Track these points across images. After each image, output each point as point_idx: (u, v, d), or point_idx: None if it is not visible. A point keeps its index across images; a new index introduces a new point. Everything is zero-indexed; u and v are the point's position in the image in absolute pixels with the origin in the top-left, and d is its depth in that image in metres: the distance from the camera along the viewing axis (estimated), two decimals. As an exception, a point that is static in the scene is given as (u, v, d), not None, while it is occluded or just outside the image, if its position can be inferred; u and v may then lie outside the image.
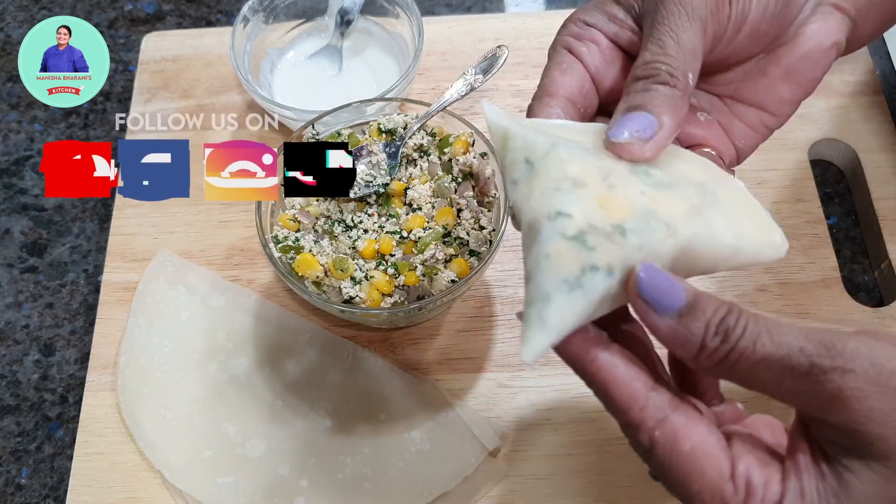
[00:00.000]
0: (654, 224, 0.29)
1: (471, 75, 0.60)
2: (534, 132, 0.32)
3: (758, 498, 0.28)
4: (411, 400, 0.56)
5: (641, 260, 0.29)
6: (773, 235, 0.34)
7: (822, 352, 0.27)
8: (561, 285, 0.28)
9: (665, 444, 0.29)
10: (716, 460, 0.29)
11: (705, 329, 0.28)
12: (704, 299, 0.28)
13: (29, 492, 0.56)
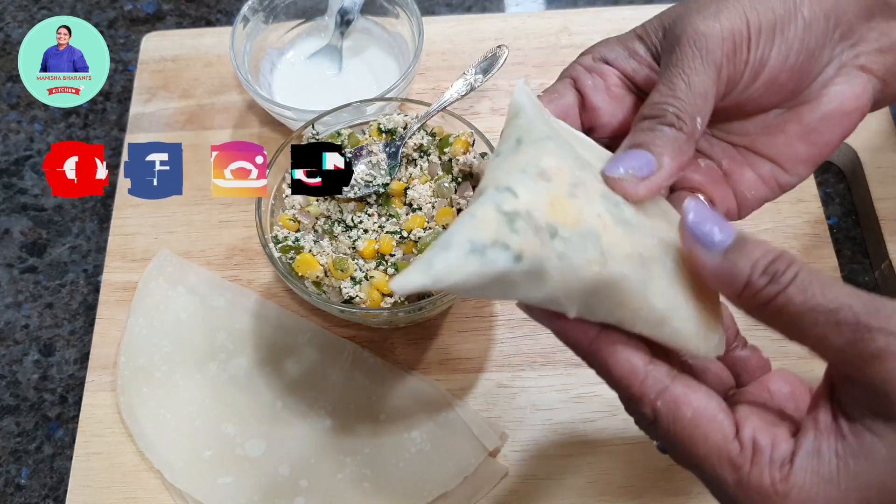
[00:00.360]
0: (588, 244, 0.28)
1: (471, 75, 0.60)
2: (541, 120, 0.32)
3: (766, 456, 0.28)
4: (411, 400, 0.56)
5: (557, 267, 0.28)
6: (711, 333, 0.32)
7: (870, 310, 0.27)
8: (465, 243, 0.27)
9: (668, 413, 0.30)
10: (719, 423, 0.29)
11: (752, 267, 0.28)
12: (753, 241, 0.29)
13: (29, 492, 0.56)
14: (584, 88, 0.37)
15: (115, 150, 0.70)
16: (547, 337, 0.58)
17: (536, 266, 0.28)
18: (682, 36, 0.34)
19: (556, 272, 0.28)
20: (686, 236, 0.30)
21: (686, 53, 0.33)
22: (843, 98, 0.37)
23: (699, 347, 0.31)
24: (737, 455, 0.29)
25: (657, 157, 0.32)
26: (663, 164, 0.32)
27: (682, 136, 0.33)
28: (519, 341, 0.58)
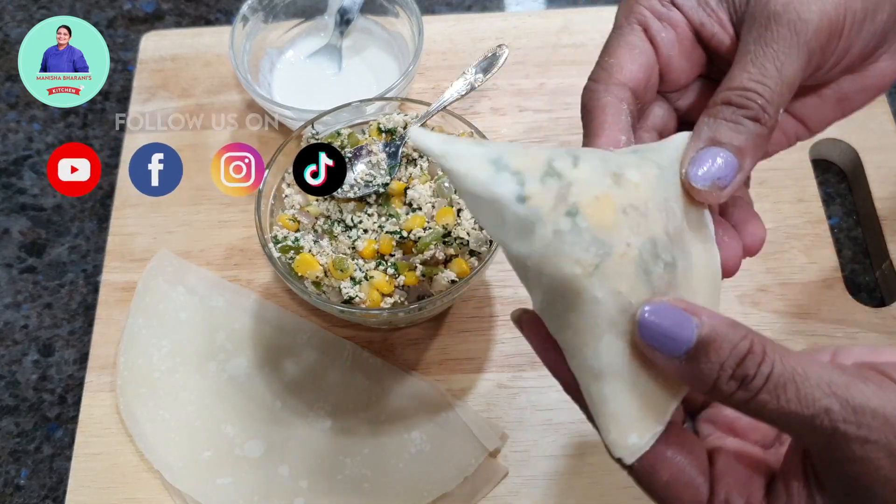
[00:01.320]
0: (592, 248, 0.27)
1: (471, 75, 0.60)
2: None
3: None
4: (411, 400, 0.56)
5: (546, 238, 0.27)
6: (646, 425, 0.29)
7: (848, 416, 0.26)
8: (494, 153, 0.27)
9: (644, 475, 0.29)
10: (693, 489, 0.29)
11: (719, 372, 0.26)
12: (718, 340, 0.26)
13: (28, 492, 0.56)
14: (656, 39, 0.34)
15: (114, 150, 0.69)
16: (547, 337, 0.58)
17: (530, 221, 0.27)
18: (782, 15, 0.31)
19: (541, 242, 0.27)
20: (641, 342, 0.28)
21: (783, 35, 0.31)
22: (885, 74, 0.36)
23: (618, 437, 0.29)
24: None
25: (740, 159, 0.31)
26: (744, 167, 0.31)
27: (764, 132, 0.31)
28: (519, 341, 0.58)
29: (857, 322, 0.58)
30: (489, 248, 0.52)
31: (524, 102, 0.68)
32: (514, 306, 0.59)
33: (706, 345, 0.26)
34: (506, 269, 0.61)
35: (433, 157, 0.28)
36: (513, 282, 0.60)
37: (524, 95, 0.68)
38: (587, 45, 0.71)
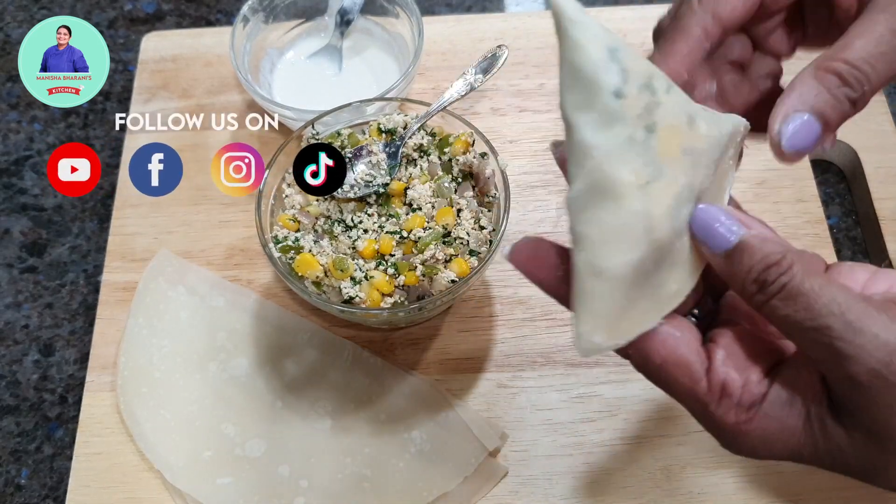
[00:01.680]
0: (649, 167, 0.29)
1: (471, 75, 0.60)
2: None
3: (734, 398, 0.30)
4: (411, 400, 0.56)
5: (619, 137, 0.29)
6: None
7: (847, 335, 0.27)
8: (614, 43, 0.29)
9: (638, 361, 0.32)
10: (686, 368, 0.30)
11: (746, 274, 0.29)
12: (754, 247, 0.29)
13: (28, 492, 0.56)
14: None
15: (114, 150, 0.70)
16: (547, 337, 0.58)
17: (616, 118, 0.28)
18: None
19: (615, 140, 0.29)
20: (695, 235, 0.31)
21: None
22: None
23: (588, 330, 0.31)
24: (704, 394, 0.30)
25: (825, 131, 0.32)
26: (826, 138, 0.32)
27: (853, 114, 0.32)
28: (519, 341, 0.58)
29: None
30: (489, 248, 0.52)
31: (524, 103, 0.68)
32: (514, 306, 0.59)
33: (742, 250, 0.30)
34: (506, 270, 0.61)
35: (562, 19, 0.28)
36: (513, 282, 0.60)
37: (524, 96, 0.69)
38: (587, 46, 0.71)
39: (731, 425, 0.30)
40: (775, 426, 0.30)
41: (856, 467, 0.30)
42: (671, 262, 0.31)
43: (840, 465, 0.30)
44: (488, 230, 0.53)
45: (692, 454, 0.54)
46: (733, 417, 0.30)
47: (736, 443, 0.31)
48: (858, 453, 0.29)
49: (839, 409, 0.29)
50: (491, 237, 0.53)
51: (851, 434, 0.29)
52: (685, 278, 0.32)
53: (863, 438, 0.29)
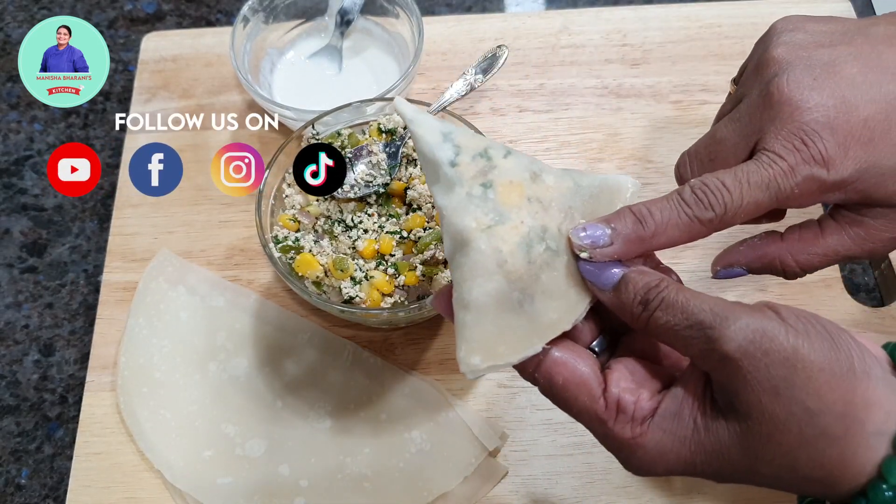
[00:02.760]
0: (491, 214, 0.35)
1: (471, 75, 0.60)
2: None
3: (628, 414, 0.34)
4: (411, 400, 0.56)
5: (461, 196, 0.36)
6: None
7: (716, 322, 0.32)
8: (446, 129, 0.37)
9: (543, 382, 0.35)
10: (586, 387, 0.34)
11: (632, 299, 0.34)
12: (635, 278, 0.35)
13: (29, 492, 0.56)
14: None
15: (115, 150, 0.70)
16: (547, 337, 0.58)
17: (453, 182, 0.36)
18: None
19: (457, 198, 0.36)
20: (586, 279, 0.36)
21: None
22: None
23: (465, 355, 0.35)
24: (602, 412, 0.34)
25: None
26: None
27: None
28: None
29: (856, 322, 0.58)
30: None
31: (524, 103, 0.68)
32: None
33: (626, 282, 0.35)
34: (506, 269, 0.61)
35: (405, 121, 0.37)
36: (513, 282, 0.60)
37: (524, 96, 0.69)
38: (587, 46, 0.71)
39: (627, 440, 0.34)
40: (667, 438, 0.33)
41: (739, 463, 0.32)
42: (545, 294, 0.36)
43: (727, 466, 0.33)
44: (488, 230, 0.53)
45: (692, 454, 0.54)
46: (629, 432, 0.34)
47: (635, 458, 0.34)
48: (738, 444, 0.32)
49: (720, 406, 0.33)
50: (491, 237, 0.53)
51: (731, 426, 0.32)
52: (566, 309, 0.36)
53: (739, 427, 0.32)
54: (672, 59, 0.70)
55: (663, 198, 0.37)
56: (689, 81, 0.68)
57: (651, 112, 0.67)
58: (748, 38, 0.70)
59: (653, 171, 0.64)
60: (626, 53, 0.70)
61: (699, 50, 0.70)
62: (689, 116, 0.67)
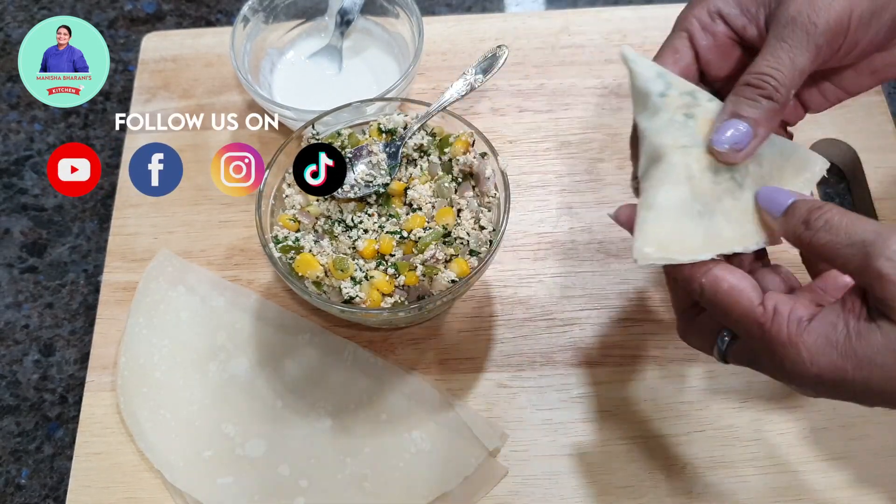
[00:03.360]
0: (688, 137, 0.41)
1: (471, 75, 0.60)
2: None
3: (784, 317, 0.37)
4: (411, 400, 0.56)
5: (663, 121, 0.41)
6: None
7: (877, 241, 0.35)
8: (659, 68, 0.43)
9: (710, 286, 0.39)
10: (747, 293, 0.38)
11: (797, 222, 0.38)
12: (801, 203, 0.39)
13: (29, 492, 0.56)
14: (699, 46, 0.45)
15: (115, 150, 0.70)
16: (547, 337, 0.58)
17: (659, 109, 0.42)
18: (796, 18, 0.40)
19: (659, 122, 0.41)
20: (759, 207, 0.41)
21: (796, 33, 0.40)
22: None
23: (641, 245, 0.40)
24: (760, 315, 0.37)
25: (754, 128, 0.40)
26: (758, 133, 0.40)
27: (776, 107, 0.40)
28: (519, 341, 0.58)
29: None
30: (489, 248, 0.52)
31: (524, 103, 0.68)
32: (514, 306, 0.59)
33: (794, 207, 0.39)
34: (506, 270, 0.61)
35: (627, 61, 0.43)
36: (512, 282, 0.60)
37: (524, 96, 0.69)
38: (587, 46, 0.71)
39: (783, 340, 0.36)
40: (821, 342, 0.36)
41: (891, 368, 0.35)
42: (724, 215, 0.41)
43: (877, 372, 0.35)
44: (488, 230, 0.53)
45: (692, 454, 0.54)
46: (784, 333, 0.36)
47: (788, 359, 0.37)
48: (891, 348, 0.35)
49: (874, 317, 0.35)
50: (491, 237, 0.53)
51: (884, 332, 0.35)
52: (741, 235, 0.41)
53: (893, 333, 0.34)
54: (672, 59, 0.70)
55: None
56: (689, 81, 0.68)
57: (651, 112, 0.67)
58: (748, 38, 0.70)
59: (653, 171, 0.64)
60: (626, 53, 0.70)
61: (699, 50, 0.70)
62: (689, 116, 0.67)
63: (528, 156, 0.66)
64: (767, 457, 0.54)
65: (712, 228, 0.41)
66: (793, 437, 0.54)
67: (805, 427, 0.54)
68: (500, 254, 0.61)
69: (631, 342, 0.58)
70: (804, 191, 0.43)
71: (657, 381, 0.56)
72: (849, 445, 0.54)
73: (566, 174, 0.65)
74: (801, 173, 0.44)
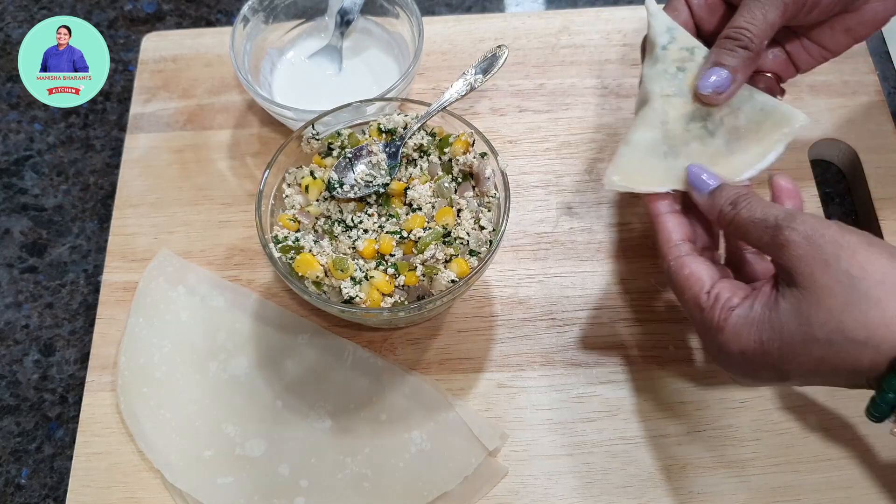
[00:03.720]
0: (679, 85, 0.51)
1: (471, 75, 0.60)
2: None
3: (721, 303, 0.43)
4: (411, 400, 0.56)
5: (662, 68, 0.51)
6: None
7: (787, 217, 0.41)
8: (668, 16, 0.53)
9: (674, 269, 0.47)
10: (700, 282, 0.45)
11: (723, 202, 0.46)
12: (727, 187, 0.46)
13: (29, 492, 0.56)
14: (692, 4, 0.53)
15: (115, 150, 0.70)
16: (547, 337, 0.58)
17: (659, 59, 0.51)
18: None
19: (655, 69, 0.51)
20: (688, 185, 0.48)
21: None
22: (877, 12, 0.50)
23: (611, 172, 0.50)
24: (703, 300, 0.44)
25: (733, 73, 0.48)
26: (737, 79, 0.49)
27: (751, 55, 0.48)
28: (519, 341, 0.58)
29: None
30: (489, 248, 0.52)
31: (524, 103, 0.68)
32: (514, 306, 0.59)
33: (721, 188, 0.47)
34: (506, 269, 0.61)
35: (648, 14, 0.52)
36: (512, 282, 0.60)
37: (524, 96, 0.69)
38: (586, 46, 0.71)
39: (714, 323, 0.43)
40: (742, 321, 0.42)
41: (797, 332, 0.40)
42: (687, 157, 0.49)
43: (787, 338, 0.40)
44: (488, 230, 0.53)
45: (692, 454, 0.54)
46: (717, 315, 0.43)
47: (717, 340, 0.43)
48: (795, 312, 0.40)
49: (782, 290, 0.41)
50: (491, 237, 0.53)
51: (790, 299, 0.40)
52: None
53: (795, 298, 0.40)
54: (672, 59, 0.70)
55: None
56: (689, 81, 0.68)
57: (651, 112, 0.67)
58: (748, 38, 0.70)
59: (653, 171, 0.64)
60: (625, 53, 0.70)
61: (699, 50, 0.70)
62: (689, 116, 0.67)
63: (528, 156, 0.66)
64: (767, 457, 0.54)
65: (674, 168, 0.49)
66: (793, 437, 0.54)
67: (805, 427, 0.54)
68: (500, 254, 0.61)
69: (631, 342, 0.58)
70: (780, 145, 0.50)
71: (657, 381, 0.56)
72: (849, 445, 0.54)
73: (566, 174, 0.65)
74: (780, 128, 0.50)
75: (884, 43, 0.68)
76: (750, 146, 0.50)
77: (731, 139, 0.50)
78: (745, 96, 0.50)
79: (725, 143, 0.50)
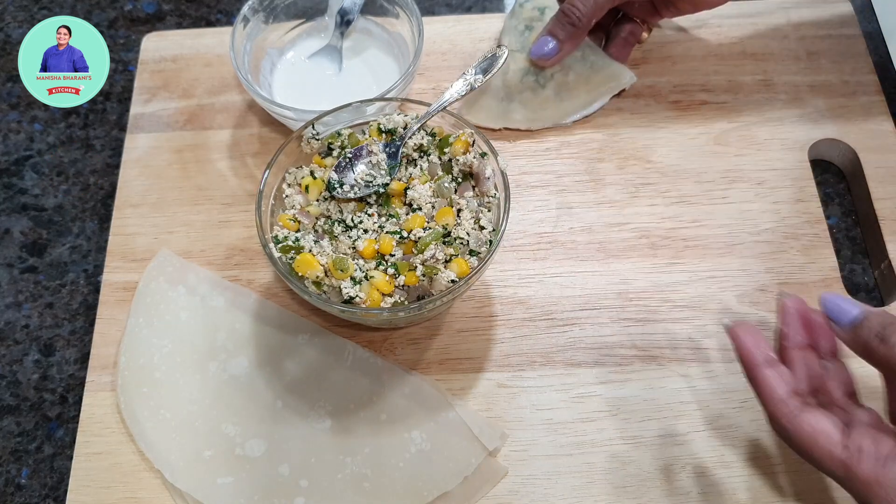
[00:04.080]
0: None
1: (471, 75, 0.60)
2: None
3: (870, 454, 0.40)
4: (411, 400, 0.56)
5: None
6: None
7: None
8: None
9: (793, 431, 0.43)
10: (828, 437, 0.41)
11: (870, 335, 0.41)
12: (873, 318, 0.42)
13: (29, 492, 0.56)
14: None
15: (115, 150, 0.70)
16: (547, 337, 0.58)
17: (514, 16, 0.66)
18: None
19: (509, 25, 0.66)
20: (825, 319, 0.44)
21: None
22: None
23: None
24: (841, 454, 0.41)
25: (560, 44, 0.62)
26: (564, 49, 0.62)
27: (578, 31, 0.61)
28: (519, 341, 0.58)
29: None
30: (489, 248, 0.52)
31: (524, 103, 0.68)
32: (514, 306, 0.59)
33: (866, 318, 0.42)
34: (506, 269, 0.61)
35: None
36: (512, 282, 0.60)
37: (524, 96, 0.69)
38: (587, 46, 0.71)
39: (870, 476, 0.39)
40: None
41: None
42: (520, 103, 0.65)
43: None
44: (488, 230, 0.53)
45: (692, 454, 0.54)
46: (872, 470, 0.39)
47: (872, 494, 0.39)
48: None
49: None
50: (491, 237, 0.53)
51: None
52: (530, 118, 0.65)
53: None
54: (672, 59, 0.70)
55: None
56: (689, 81, 0.68)
57: (651, 112, 0.67)
58: (748, 38, 0.70)
59: (653, 171, 0.64)
60: (625, 53, 0.70)
61: (699, 50, 0.70)
62: (689, 116, 0.67)
63: (528, 156, 0.66)
64: (767, 457, 0.54)
65: (508, 110, 0.64)
66: (793, 437, 0.54)
67: (805, 427, 0.54)
68: (500, 254, 0.61)
69: (631, 342, 0.58)
70: (605, 97, 0.64)
71: (657, 381, 0.56)
72: (849, 445, 0.54)
73: (566, 174, 0.65)
74: (607, 83, 0.64)
75: (884, 43, 0.68)
76: (580, 95, 0.64)
77: (562, 91, 0.64)
78: (576, 57, 0.64)
79: (555, 93, 0.63)
